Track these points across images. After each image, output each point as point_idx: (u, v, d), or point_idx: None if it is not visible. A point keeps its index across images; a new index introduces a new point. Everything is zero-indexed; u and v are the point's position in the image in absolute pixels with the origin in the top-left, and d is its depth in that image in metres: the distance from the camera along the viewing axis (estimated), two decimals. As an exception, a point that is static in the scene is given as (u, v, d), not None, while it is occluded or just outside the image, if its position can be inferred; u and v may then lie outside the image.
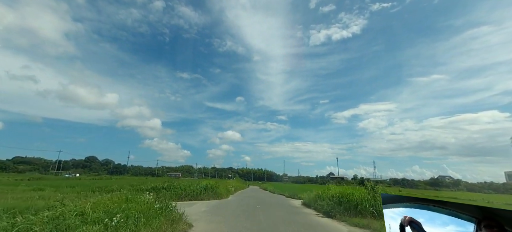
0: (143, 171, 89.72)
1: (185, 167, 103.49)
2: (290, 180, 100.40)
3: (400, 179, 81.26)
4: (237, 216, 8.76)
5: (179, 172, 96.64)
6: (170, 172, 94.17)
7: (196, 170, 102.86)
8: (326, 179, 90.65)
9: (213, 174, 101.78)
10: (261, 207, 12.10)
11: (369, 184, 9.55)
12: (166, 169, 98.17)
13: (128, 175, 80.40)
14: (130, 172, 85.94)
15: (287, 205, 13.59)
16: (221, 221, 7.61)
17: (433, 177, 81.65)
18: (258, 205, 12.66)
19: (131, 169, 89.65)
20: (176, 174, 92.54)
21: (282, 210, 11.00)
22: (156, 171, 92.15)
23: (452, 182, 75.37)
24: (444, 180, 77.84)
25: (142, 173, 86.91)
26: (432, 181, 77.59)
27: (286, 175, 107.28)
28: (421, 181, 79.63)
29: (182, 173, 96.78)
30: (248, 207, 11.75)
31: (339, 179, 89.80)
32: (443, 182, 76.24)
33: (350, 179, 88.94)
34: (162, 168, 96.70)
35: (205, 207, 11.22)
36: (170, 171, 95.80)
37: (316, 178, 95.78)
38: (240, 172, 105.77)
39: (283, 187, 33.49)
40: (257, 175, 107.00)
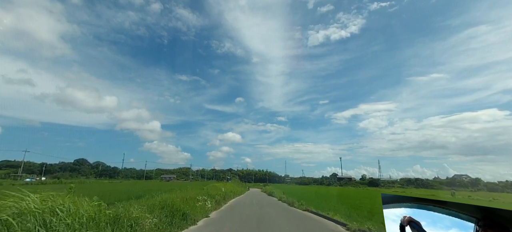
0: (135, 174, 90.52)
1: (182, 169, 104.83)
2: (292, 182, 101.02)
3: (413, 179, 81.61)
4: None
5: (175, 174, 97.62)
6: (164, 175, 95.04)
7: (193, 173, 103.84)
8: (332, 180, 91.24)
9: (211, 176, 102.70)
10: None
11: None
12: (161, 172, 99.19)
13: (119, 178, 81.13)
14: (121, 175, 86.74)
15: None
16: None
17: (448, 176, 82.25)
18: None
19: (122, 172, 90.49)
20: (170, 176, 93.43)
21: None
22: (149, 173, 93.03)
23: (470, 181, 75.54)
24: (461, 180, 78.04)
25: (134, 176, 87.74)
26: (449, 181, 77.97)
27: (288, 176, 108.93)
28: (437, 180, 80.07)
29: (178, 175, 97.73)
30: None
31: (347, 179, 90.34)
32: (460, 181, 76.49)
33: (358, 180, 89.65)
34: (154, 171, 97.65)
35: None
36: (165, 174, 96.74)
37: (321, 178, 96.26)
38: (240, 173, 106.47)
39: (295, 192, 29.37)
40: (258, 177, 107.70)
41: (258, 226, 8.59)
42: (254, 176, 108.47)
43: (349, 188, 59.73)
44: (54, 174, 74.69)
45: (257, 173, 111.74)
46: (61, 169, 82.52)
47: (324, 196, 23.01)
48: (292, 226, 8.79)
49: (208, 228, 8.14)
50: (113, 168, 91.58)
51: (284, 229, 8.22)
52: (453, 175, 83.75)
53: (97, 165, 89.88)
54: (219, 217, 10.73)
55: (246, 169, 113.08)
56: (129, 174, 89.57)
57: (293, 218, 10.64)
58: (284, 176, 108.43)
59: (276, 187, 47.75)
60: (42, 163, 77.16)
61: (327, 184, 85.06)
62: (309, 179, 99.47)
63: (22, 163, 75.64)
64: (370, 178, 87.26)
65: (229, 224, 9.02)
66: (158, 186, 17.16)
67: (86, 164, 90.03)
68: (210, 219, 9.95)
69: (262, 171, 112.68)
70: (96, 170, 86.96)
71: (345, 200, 19.04)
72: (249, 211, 12.74)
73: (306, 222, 9.80)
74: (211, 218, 10.20)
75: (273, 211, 12.93)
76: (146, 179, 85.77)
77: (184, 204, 9.16)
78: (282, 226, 8.63)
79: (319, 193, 27.23)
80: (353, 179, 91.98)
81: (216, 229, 8.10)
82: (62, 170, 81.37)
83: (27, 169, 73.92)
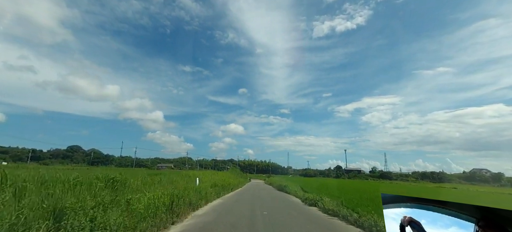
0: (130, 162, 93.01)
1: (182, 159, 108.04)
2: (296, 173, 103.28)
3: (428, 172, 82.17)
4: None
5: (172, 164, 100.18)
6: (161, 164, 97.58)
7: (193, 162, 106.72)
8: (339, 172, 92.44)
9: (212, 166, 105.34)
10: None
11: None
12: (158, 160, 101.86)
13: (112, 166, 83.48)
14: (115, 163, 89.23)
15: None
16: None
17: (465, 171, 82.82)
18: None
19: (117, 160, 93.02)
20: (166, 165, 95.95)
21: None
22: (145, 162, 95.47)
23: (492, 176, 75.59)
24: (481, 174, 78.17)
25: (128, 164, 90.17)
26: (467, 175, 78.32)
27: (291, 168, 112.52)
28: (454, 175, 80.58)
29: (178, 165, 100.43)
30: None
31: (355, 172, 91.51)
32: (481, 176, 76.62)
33: (368, 172, 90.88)
34: (150, 159, 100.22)
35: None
36: (162, 163, 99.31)
37: (328, 170, 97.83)
38: (241, 164, 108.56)
39: (310, 185, 24.21)
40: (260, 168, 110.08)
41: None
42: (256, 167, 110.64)
43: (365, 181, 59.71)
44: (43, 160, 77.10)
45: (259, 164, 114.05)
46: (53, 156, 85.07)
47: (359, 192, 16.66)
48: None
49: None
50: (106, 156, 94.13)
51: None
52: (471, 169, 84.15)
53: (92, 152, 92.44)
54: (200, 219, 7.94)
55: (248, 160, 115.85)
56: (123, 163, 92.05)
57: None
58: (287, 168, 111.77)
59: (283, 178, 45.00)
60: (29, 149, 79.58)
61: (335, 176, 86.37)
62: (314, 171, 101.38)
63: (8, 149, 78.14)
64: (380, 171, 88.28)
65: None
66: (131, 173, 15.56)
67: (79, 151, 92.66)
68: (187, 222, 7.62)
69: (264, 162, 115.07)
70: (89, 157, 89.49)
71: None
72: (243, 221, 8.24)
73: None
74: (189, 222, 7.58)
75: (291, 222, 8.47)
76: (137, 167, 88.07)
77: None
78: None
79: (344, 188, 21.30)
80: (362, 172, 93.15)
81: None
82: (54, 157, 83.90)
83: (14, 155, 76.42)
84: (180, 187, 11.92)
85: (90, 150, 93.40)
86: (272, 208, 11.73)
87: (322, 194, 13.80)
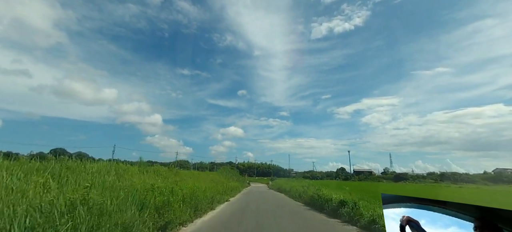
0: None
1: (179, 162, 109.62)
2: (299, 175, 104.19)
3: (448, 173, 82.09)
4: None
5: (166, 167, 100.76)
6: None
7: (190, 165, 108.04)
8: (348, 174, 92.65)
9: (210, 169, 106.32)
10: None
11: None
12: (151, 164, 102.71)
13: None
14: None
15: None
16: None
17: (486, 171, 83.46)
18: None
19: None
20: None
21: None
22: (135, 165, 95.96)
23: (517, 176, 75.11)
24: (507, 174, 77.75)
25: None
26: (489, 176, 78.09)
27: (293, 170, 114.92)
28: (476, 175, 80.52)
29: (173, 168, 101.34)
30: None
31: (367, 173, 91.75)
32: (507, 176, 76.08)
33: (380, 174, 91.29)
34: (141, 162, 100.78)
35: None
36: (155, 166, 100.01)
37: (336, 172, 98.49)
38: (240, 166, 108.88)
39: (340, 187, 21.90)
40: (260, 170, 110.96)
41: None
42: (256, 169, 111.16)
43: (382, 184, 59.27)
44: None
45: (260, 166, 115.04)
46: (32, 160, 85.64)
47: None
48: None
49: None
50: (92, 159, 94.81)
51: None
52: (494, 168, 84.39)
53: (79, 155, 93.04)
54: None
55: (248, 162, 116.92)
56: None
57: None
58: (289, 170, 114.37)
59: (294, 182, 40.08)
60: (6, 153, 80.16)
61: (344, 178, 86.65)
62: (320, 173, 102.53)
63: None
64: (393, 172, 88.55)
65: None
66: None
67: (65, 154, 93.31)
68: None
69: (265, 164, 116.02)
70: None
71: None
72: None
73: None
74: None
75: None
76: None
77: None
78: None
79: (374, 192, 16.80)
80: (373, 173, 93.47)
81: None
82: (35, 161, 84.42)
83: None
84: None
85: (76, 153, 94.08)
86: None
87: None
